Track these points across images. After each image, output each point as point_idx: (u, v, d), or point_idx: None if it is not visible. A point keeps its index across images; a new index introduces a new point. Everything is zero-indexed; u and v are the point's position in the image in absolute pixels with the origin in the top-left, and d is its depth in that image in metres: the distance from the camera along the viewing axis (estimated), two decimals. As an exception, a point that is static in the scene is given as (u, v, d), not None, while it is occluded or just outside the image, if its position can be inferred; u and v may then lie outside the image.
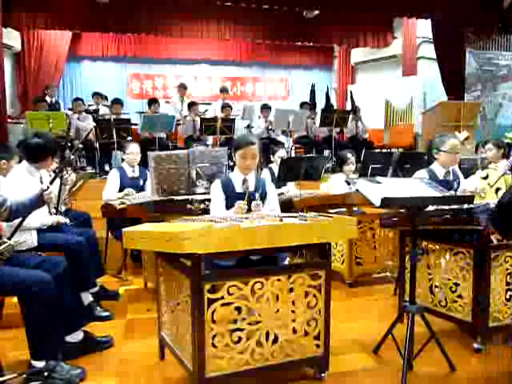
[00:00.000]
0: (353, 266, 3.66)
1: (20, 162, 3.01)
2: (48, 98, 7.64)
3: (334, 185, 4.28)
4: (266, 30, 9.39)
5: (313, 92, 8.20)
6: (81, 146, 5.97)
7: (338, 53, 11.28)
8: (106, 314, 2.99)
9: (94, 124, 6.71)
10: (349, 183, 4.20)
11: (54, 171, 3.62)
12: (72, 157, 3.17)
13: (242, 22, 9.13)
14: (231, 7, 8.15)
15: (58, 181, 3.05)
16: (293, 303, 2.07)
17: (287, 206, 3.67)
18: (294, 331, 2.07)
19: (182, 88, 7.90)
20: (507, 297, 2.49)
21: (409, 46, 9.60)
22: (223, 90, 8.31)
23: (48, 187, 2.36)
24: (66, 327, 2.38)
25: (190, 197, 3.22)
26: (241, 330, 1.96)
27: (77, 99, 7.52)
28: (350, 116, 7.66)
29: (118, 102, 7.43)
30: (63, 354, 2.23)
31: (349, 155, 4.29)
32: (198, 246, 1.76)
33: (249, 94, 11.38)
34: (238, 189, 2.62)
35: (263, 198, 2.65)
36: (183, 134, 7.40)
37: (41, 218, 2.87)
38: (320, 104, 8.38)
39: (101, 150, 6.73)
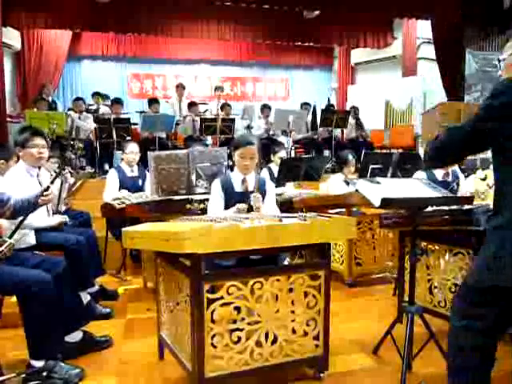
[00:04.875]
0: (352, 267, 3.66)
1: (17, 161, 3.00)
2: (44, 97, 7.63)
3: (333, 185, 4.28)
4: (266, 30, 9.40)
5: (314, 113, 8.09)
6: (81, 145, 5.96)
7: (338, 53, 11.30)
8: (107, 310, 3.00)
9: (95, 125, 6.70)
10: (348, 183, 4.21)
11: (55, 171, 3.63)
12: (73, 157, 3.17)
13: (242, 22, 9.14)
14: (231, 7, 8.16)
15: (58, 181, 3.06)
16: (292, 303, 2.07)
17: (287, 206, 3.67)
18: (294, 331, 2.07)
19: (181, 88, 7.90)
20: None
21: (409, 46, 9.61)
22: (218, 89, 8.32)
23: (49, 187, 2.36)
24: (66, 327, 2.37)
25: (189, 197, 3.22)
26: (240, 330, 1.95)
27: (77, 99, 7.51)
28: (350, 118, 7.65)
29: (117, 101, 7.43)
30: (63, 354, 2.23)
31: (350, 157, 4.29)
32: (197, 246, 1.76)
33: (249, 94, 11.38)
34: (238, 188, 2.63)
35: (262, 196, 2.65)
36: (183, 134, 7.40)
37: (45, 218, 2.88)
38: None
39: (101, 149, 6.73)
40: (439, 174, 3.17)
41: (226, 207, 2.60)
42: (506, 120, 1.41)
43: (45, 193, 2.32)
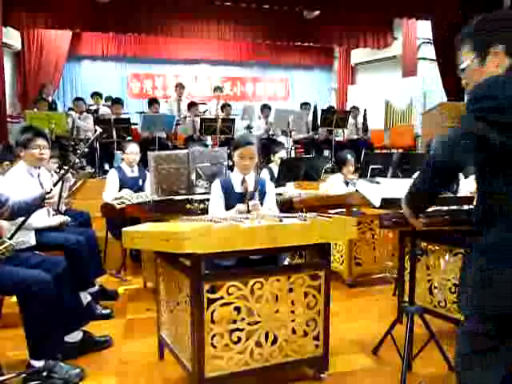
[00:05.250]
0: (352, 267, 3.66)
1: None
2: (44, 97, 7.62)
3: (332, 185, 4.28)
4: (266, 30, 9.41)
5: (314, 113, 8.08)
6: (87, 149, 5.94)
7: (338, 53, 11.31)
8: (107, 311, 3.00)
9: (100, 130, 6.68)
10: (347, 183, 4.21)
11: (55, 171, 3.63)
12: (77, 160, 3.15)
13: (242, 22, 9.16)
14: (231, 7, 8.16)
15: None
16: (292, 303, 2.07)
17: (287, 206, 3.67)
18: (294, 331, 2.07)
19: (180, 87, 7.90)
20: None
21: (409, 46, 9.61)
22: (217, 89, 8.31)
23: (51, 189, 2.36)
24: (66, 327, 2.37)
25: (189, 197, 3.23)
26: (240, 330, 1.95)
27: (78, 99, 7.51)
28: (350, 118, 7.65)
29: (117, 101, 7.43)
30: (63, 354, 2.23)
31: (349, 157, 4.29)
32: (197, 246, 1.76)
33: (249, 94, 11.39)
34: (238, 188, 2.63)
35: (262, 197, 2.65)
36: (183, 134, 7.40)
37: (45, 219, 2.87)
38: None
39: (101, 149, 6.73)
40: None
41: (226, 208, 2.60)
42: (493, 125, 1.31)
43: (47, 196, 2.31)
